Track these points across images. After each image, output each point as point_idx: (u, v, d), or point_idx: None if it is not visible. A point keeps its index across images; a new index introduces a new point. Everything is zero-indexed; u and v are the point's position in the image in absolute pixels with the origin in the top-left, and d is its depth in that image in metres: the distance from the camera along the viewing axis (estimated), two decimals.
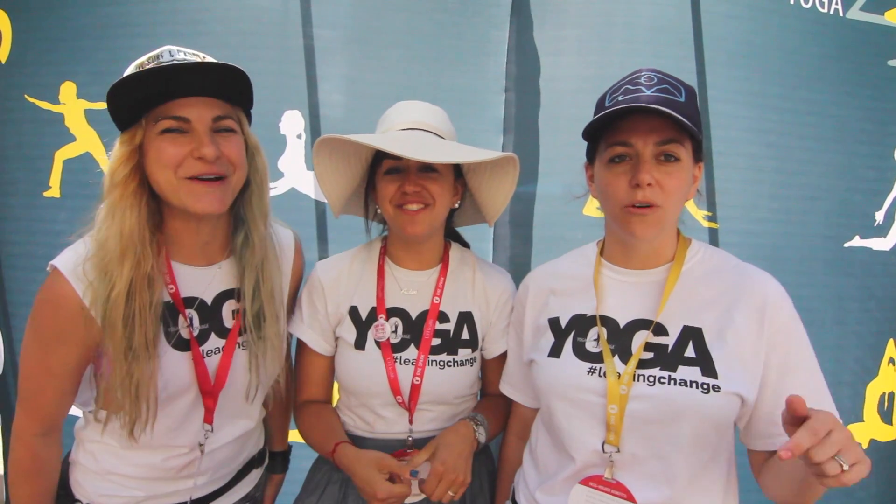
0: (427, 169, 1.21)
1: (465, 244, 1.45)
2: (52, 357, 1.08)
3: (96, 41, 2.04)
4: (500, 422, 1.35)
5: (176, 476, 1.18)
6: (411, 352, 1.27)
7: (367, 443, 1.29)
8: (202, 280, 1.16)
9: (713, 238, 2.07)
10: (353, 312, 1.30)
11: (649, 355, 1.05)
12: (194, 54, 1.09)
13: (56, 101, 2.06)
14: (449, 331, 1.30)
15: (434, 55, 2.01)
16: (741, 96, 2.06)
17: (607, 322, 1.11)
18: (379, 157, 1.25)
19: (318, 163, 1.23)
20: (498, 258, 2.08)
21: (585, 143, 1.18)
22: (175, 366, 1.11)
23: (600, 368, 1.07)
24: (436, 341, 1.28)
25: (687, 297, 1.07)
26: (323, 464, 1.36)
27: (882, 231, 2.20)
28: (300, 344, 1.35)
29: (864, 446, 2.22)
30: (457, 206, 1.33)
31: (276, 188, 2.06)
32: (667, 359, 1.03)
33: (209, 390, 1.15)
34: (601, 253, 1.19)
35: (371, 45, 2.01)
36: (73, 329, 1.05)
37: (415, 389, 1.26)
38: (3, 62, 2.09)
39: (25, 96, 2.06)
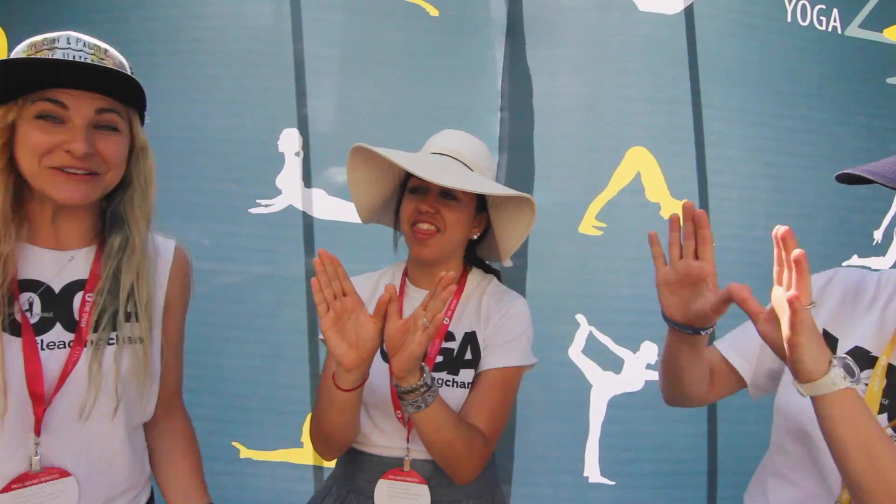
0: (447, 196, 1.22)
1: (492, 271, 1.42)
2: None
3: None
4: (450, 420, 1.16)
5: None
6: None
7: (364, 458, 1.28)
8: (51, 265, 1.07)
9: None
10: None
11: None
12: (95, 46, 1.04)
13: None
14: (453, 350, 1.28)
15: (430, 75, 2.03)
16: (738, 114, 2.06)
17: (892, 372, 0.91)
18: (410, 175, 1.27)
19: (351, 168, 1.26)
20: None
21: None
22: (8, 353, 0.98)
23: None
24: (439, 358, 1.27)
25: None
26: (328, 478, 1.36)
27: (881, 250, 2.18)
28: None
29: None
30: (475, 237, 1.33)
31: (274, 205, 2.08)
32: None
33: (39, 391, 0.98)
34: None
35: (367, 64, 2.03)
36: None
37: None
38: None
39: None
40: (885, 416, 0.86)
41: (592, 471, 2.12)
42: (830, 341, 0.96)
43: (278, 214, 2.06)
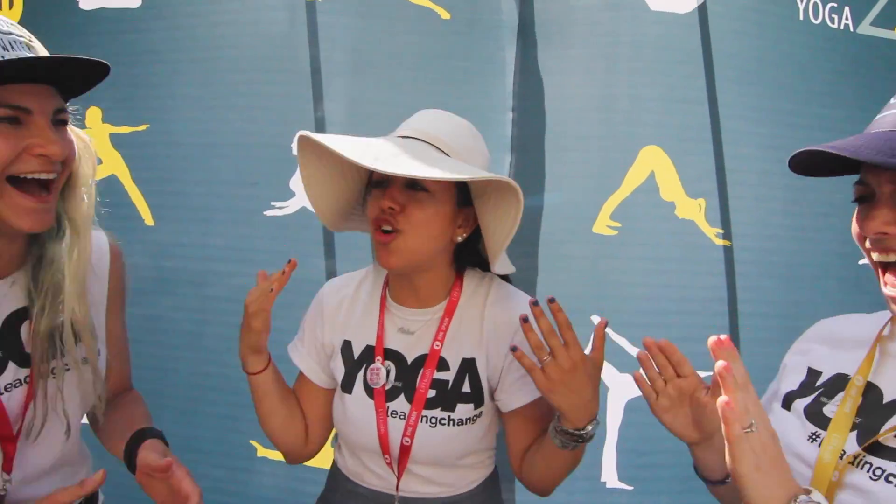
0: (415, 187, 1.01)
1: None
2: None
3: (120, 68, 2.09)
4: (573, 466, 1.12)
5: None
6: (401, 403, 1.09)
7: (360, 488, 1.17)
8: None
9: (727, 256, 2.04)
10: (346, 348, 1.14)
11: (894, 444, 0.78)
12: (20, 37, 0.86)
13: (82, 126, 2.13)
14: (448, 381, 1.08)
15: (441, 77, 2.06)
16: (752, 112, 2.05)
17: (871, 390, 0.87)
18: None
19: (302, 164, 1.06)
20: None
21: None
22: None
23: (822, 437, 0.85)
24: (431, 393, 1.08)
25: None
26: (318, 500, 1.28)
27: None
28: (299, 375, 1.22)
29: None
30: (460, 238, 1.09)
31: (288, 207, 2.10)
32: None
33: (6, 433, 0.89)
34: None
35: (380, 68, 2.06)
36: None
37: (404, 451, 1.08)
38: None
39: None
40: (854, 434, 0.82)
41: (610, 476, 2.09)
42: (814, 375, 0.96)
43: (292, 216, 2.08)
